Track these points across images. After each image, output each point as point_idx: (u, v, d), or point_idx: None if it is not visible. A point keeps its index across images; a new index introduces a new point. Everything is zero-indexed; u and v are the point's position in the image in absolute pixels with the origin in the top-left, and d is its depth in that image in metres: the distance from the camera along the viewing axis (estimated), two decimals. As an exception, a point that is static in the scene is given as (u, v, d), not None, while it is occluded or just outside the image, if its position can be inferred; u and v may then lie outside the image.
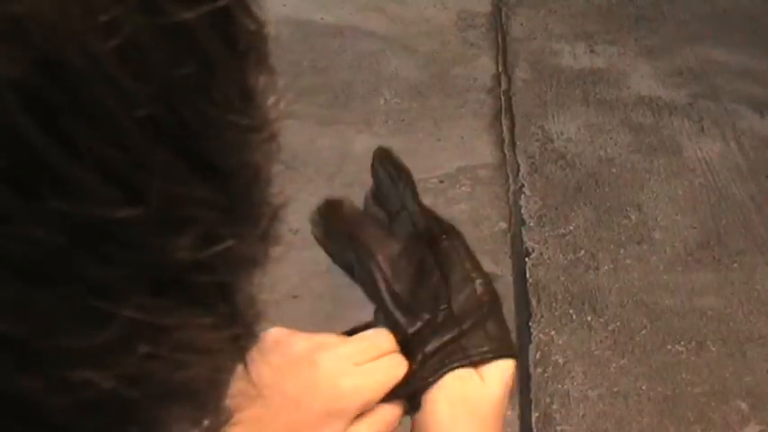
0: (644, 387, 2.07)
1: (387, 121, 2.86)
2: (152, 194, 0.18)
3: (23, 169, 0.17)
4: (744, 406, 2.03)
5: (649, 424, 2.00)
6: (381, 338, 0.61)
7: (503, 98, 3.01)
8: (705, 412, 2.02)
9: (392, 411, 0.61)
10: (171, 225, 0.19)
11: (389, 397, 0.60)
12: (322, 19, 3.30)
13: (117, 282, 0.18)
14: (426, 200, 0.65)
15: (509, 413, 2.02)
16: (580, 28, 3.38)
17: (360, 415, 0.59)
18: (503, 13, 3.47)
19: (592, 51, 3.25)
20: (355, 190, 0.63)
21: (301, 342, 0.58)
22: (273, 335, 0.58)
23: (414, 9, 3.47)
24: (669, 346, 2.17)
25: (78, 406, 0.18)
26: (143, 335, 0.19)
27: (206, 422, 0.23)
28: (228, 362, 0.22)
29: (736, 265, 2.38)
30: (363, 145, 2.67)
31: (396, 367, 0.60)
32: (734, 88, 3.02)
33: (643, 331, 2.20)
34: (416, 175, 0.65)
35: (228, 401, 0.24)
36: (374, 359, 0.60)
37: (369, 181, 0.64)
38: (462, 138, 2.81)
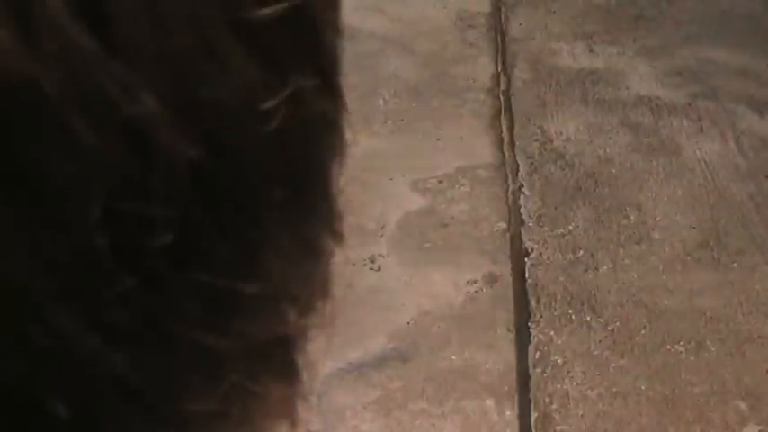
0: (643, 387, 2.07)
1: (386, 122, 2.86)
2: None
3: None
4: (743, 406, 2.03)
5: (649, 424, 2.00)
6: None
7: (502, 98, 3.01)
8: (704, 412, 2.02)
9: None
10: None
11: None
12: (321, 19, 3.30)
13: None
14: (426, 200, 0.65)
15: (508, 413, 2.02)
16: (579, 28, 3.38)
17: None
18: (502, 14, 3.47)
19: (591, 51, 3.25)
20: (355, 190, 0.63)
21: None
22: None
23: (413, 9, 3.47)
24: (668, 346, 2.17)
25: None
26: None
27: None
28: None
29: (735, 265, 2.38)
30: (363, 145, 2.67)
31: None
32: (733, 88, 3.02)
33: (642, 331, 2.20)
34: (416, 176, 0.65)
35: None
36: None
37: (369, 181, 0.64)
38: (461, 138, 2.81)
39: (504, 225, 2.50)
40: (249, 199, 0.21)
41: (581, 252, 2.41)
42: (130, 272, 0.19)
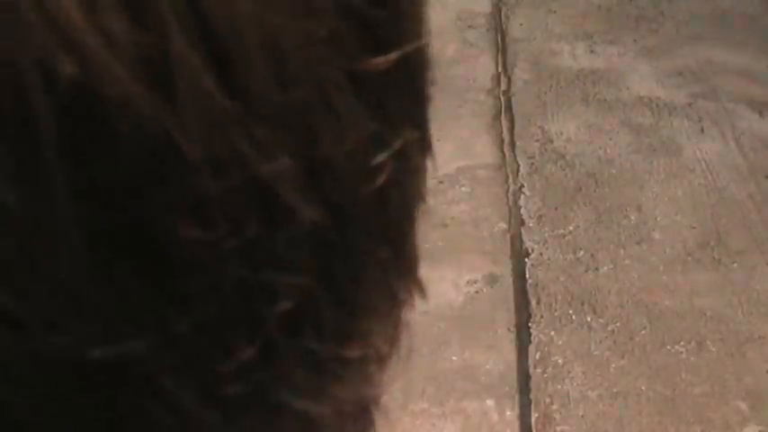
0: (644, 387, 2.07)
1: (386, 122, 2.86)
2: None
3: None
4: (743, 406, 2.03)
5: (649, 424, 2.00)
6: None
7: (502, 98, 3.01)
8: (705, 412, 2.02)
9: None
10: None
11: None
12: (321, 19, 3.30)
13: None
14: (426, 200, 0.64)
15: (509, 413, 2.02)
16: (580, 28, 3.38)
17: None
18: (502, 14, 3.47)
19: (591, 51, 3.25)
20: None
21: None
22: None
23: (413, 9, 3.46)
24: (669, 347, 2.17)
25: None
26: None
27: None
28: None
29: (735, 265, 2.38)
30: (363, 145, 2.66)
31: None
32: (733, 88, 3.02)
33: (643, 331, 2.20)
34: (416, 176, 0.65)
35: None
36: None
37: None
38: (462, 138, 2.81)
39: (504, 225, 2.50)
40: (356, 261, 0.21)
41: (581, 252, 2.41)
42: (250, 343, 0.18)
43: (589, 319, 2.23)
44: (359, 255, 0.21)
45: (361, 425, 0.24)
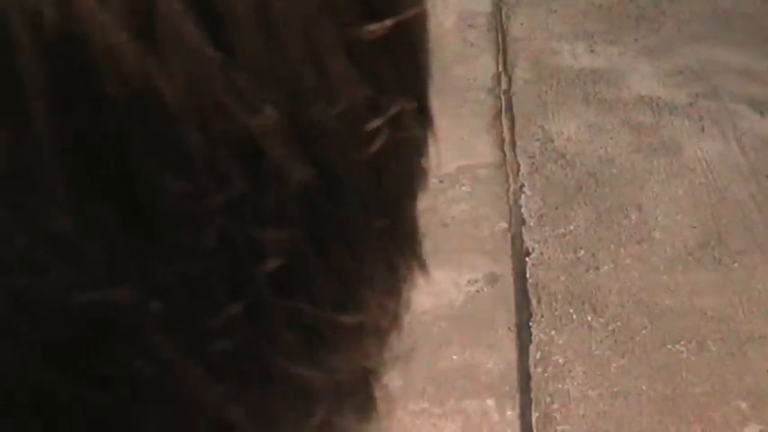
0: (644, 387, 2.07)
1: (387, 121, 2.86)
2: None
3: None
4: (744, 406, 2.03)
5: (649, 424, 2.00)
6: None
7: (503, 98, 3.01)
8: (705, 412, 2.02)
9: None
10: None
11: None
12: (322, 18, 3.30)
13: None
14: (426, 200, 0.65)
15: (509, 413, 2.02)
16: (580, 28, 3.38)
17: None
18: (503, 13, 3.47)
19: (592, 51, 3.25)
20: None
21: None
22: None
23: (414, 9, 3.46)
24: (669, 346, 2.17)
25: None
26: None
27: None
28: None
29: (736, 264, 2.38)
30: (363, 145, 2.66)
31: None
32: (734, 88, 3.02)
33: (643, 331, 2.20)
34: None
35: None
36: None
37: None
38: (462, 137, 2.81)
39: (504, 225, 2.50)
40: (349, 228, 0.21)
41: (582, 252, 2.41)
42: (236, 299, 0.18)
43: (590, 318, 2.23)
44: (352, 222, 0.21)
45: (361, 399, 0.24)
